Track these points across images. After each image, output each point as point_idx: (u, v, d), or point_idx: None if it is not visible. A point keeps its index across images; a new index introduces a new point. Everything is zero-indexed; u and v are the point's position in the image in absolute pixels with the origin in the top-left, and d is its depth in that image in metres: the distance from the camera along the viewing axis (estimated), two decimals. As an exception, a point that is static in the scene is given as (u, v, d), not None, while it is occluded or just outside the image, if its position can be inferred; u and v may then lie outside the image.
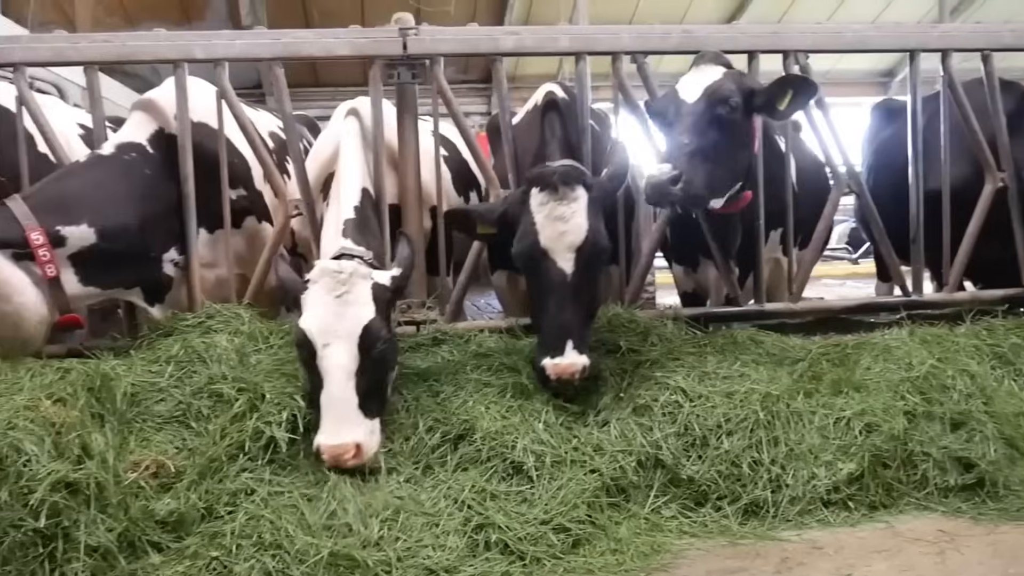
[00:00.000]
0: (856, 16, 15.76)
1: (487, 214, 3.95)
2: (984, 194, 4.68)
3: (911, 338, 4.19)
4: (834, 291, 9.75)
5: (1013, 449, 3.62)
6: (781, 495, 3.32)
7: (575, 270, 3.59)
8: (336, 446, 3.17)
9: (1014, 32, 4.76)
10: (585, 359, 3.52)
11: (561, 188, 3.61)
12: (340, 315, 3.31)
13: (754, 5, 15.57)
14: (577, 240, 3.59)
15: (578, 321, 3.59)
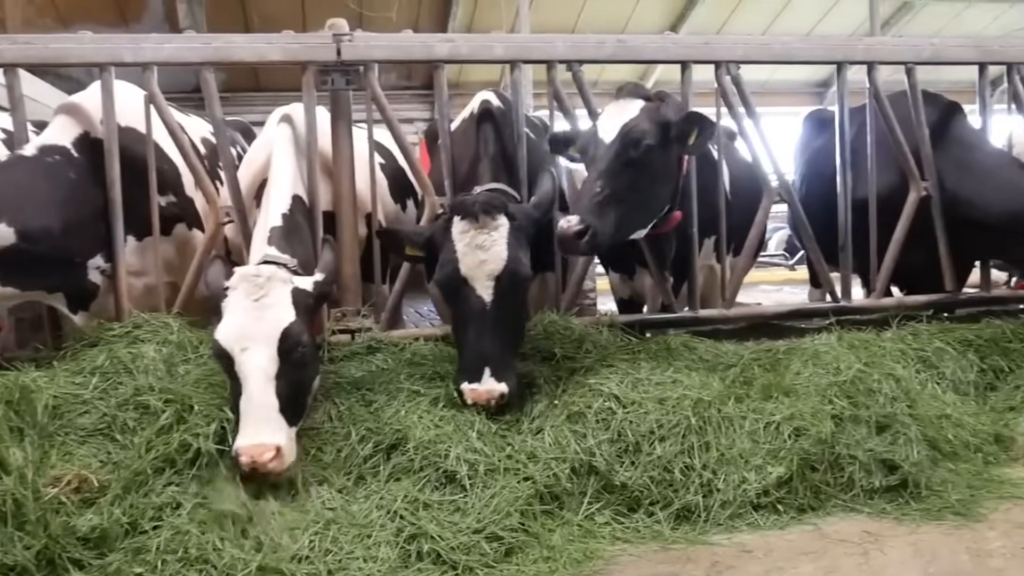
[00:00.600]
0: (793, 28, 16.14)
1: (415, 237, 3.97)
2: (908, 203, 4.81)
3: (839, 343, 4.29)
4: (771, 297, 9.94)
5: (935, 451, 3.73)
6: (712, 499, 3.35)
7: (494, 298, 3.61)
8: (255, 445, 3.07)
9: (934, 46, 4.92)
10: (503, 386, 3.54)
11: (482, 217, 3.64)
12: (258, 319, 3.26)
13: (694, 16, 15.79)
14: (496, 269, 3.61)
15: (497, 348, 3.61)
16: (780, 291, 10.72)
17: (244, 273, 3.35)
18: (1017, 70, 5.07)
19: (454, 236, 3.68)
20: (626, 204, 3.78)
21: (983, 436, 3.97)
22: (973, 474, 3.67)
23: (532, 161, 4.53)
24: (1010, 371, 4.46)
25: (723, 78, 4.60)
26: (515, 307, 3.73)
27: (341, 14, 4.68)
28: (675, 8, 16.08)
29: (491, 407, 3.55)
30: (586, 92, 4.53)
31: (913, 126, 4.87)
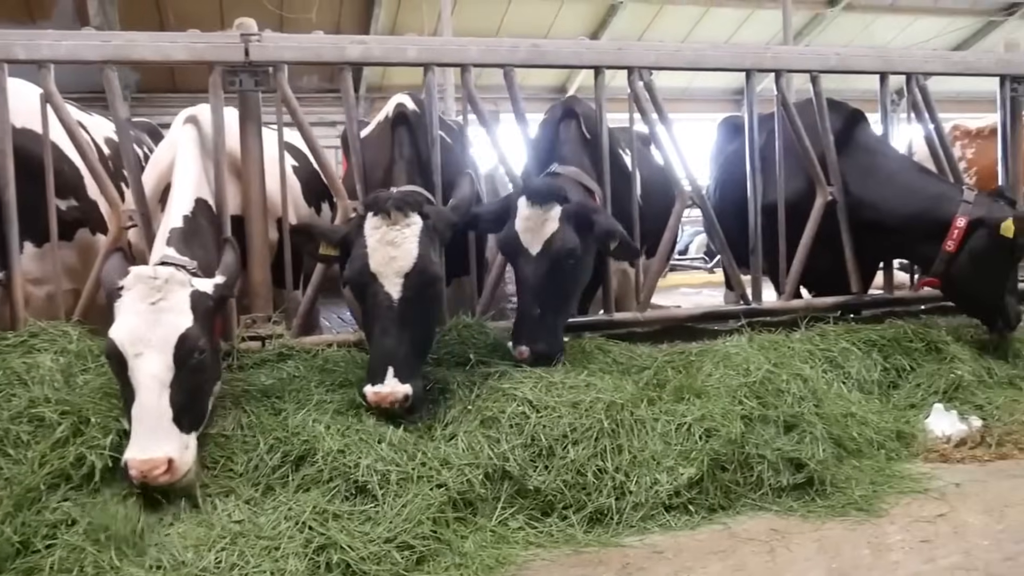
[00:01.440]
0: (711, 36, 16.50)
1: (330, 235, 3.90)
2: (815, 207, 4.94)
3: (750, 344, 4.38)
4: (691, 299, 10.09)
5: (840, 448, 3.84)
6: (625, 502, 3.37)
7: (403, 296, 3.57)
8: (145, 461, 2.96)
9: (839, 55, 5.07)
10: (407, 388, 3.48)
11: (395, 213, 3.59)
12: (154, 323, 3.14)
13: (615, 22, 16.01)
14: (406, 266, 3.57)
15: (403, 348, 3.56)
16: (699, 294, 10.90)
17: (140, 274, 3.21)
18: (916, 80, 5.27)
19: (366, 231, 3.63)
20: (564, 304, 4.09)
21: (886, 433, 4.10)
22: (876, 470, 3.78)
23: (448, 165, 4.51)
24: (911, 370, 4.62)
25: (636, 84, 4.65)
26: (423, 307, 3.68)
27: (260, 15, 4.58)
28: (597, 14, 16.28)
29: (395, 409, 3.49)
30: (516, 95, 4.55)
31: (819, 133, 4.99)
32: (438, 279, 3.76)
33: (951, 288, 4.84)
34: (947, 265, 4.69)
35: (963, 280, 4.73)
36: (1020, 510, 3.39)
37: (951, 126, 7.88)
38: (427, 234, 3.66)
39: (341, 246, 3.81)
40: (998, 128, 5.65)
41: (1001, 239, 4.51)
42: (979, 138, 7.56)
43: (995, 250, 4.59)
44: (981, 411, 4.33)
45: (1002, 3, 17.70)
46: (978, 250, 4.61)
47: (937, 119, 5.34)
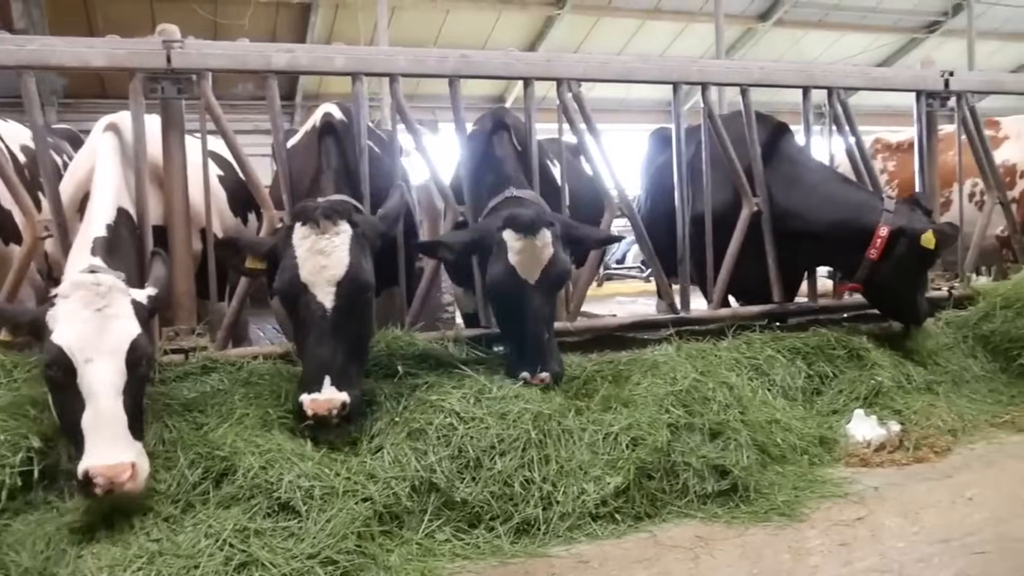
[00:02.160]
0: (647, 49, 16.78)
1: (257, 247, 3.82)
2: (741, 218, 5.03)
3: (678, 353, 4.43)
4: (626, 308, 10.19)
5: (765, 454, 3.89)
6: (552, 512, 3.37)
7: (336, 305, 3.52)
8: (111, 466, 2.88)
9: (763, 69, 5.18)
10: (344, 396, 3.43)
11: (323, 222, 3.54)
12: (103, 329, 3.06)
13: (552, 34, 16.17)
14: (338, 274, 3.53)
15: (339, 357, 3.51)
16: (635, 303, 11.02)
17: (80, 281, 3.11)
18: (837, 94, 5.42)
19: (295, 242, 3.57)
20: (554, 319, 4.17)
21: (809, 439, 4.18)
22: (799, 475, 3.85)
23: (377, 175, 4.47)
24: (834, 376, 4.71)
25: (564, 95, 4.69)
26: (357, 315, 3.63)
27: (193, 20, 4.50)
28: (534, 26, 16.43)
29: (332, 418, 3.42)
30: (458, 104, 4.55)
31: (747, 145, 5.09)
32: (370, 286, 3.72)
33: (873, 292, 4.98)
34: (870, 272, 4.81)
35: (885, 285, 4.87)
36: (934, 512, 3.48)
37: (873, 139, 8.12)
38: (357, 242, 3.62)
39: (268, 258, 3.74)
40: (915, 142, 5.84)
41: (922, 248, 4.66)
42: (900, 151, 7.80)
43: (915, 257, 4.74)
44: (899, 416, 4.44)
45: (923, 22, 18.39)
46: (900, 258, 4.74)
47: (857, 132, 5.49)
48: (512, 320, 4.03)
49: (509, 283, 3.95)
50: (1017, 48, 20.09)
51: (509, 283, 3.95)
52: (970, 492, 3.67)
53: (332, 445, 3.47)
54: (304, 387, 3.48)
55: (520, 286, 3.93)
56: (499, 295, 4.06)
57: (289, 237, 3.60)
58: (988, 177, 6.00)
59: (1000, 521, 3.35)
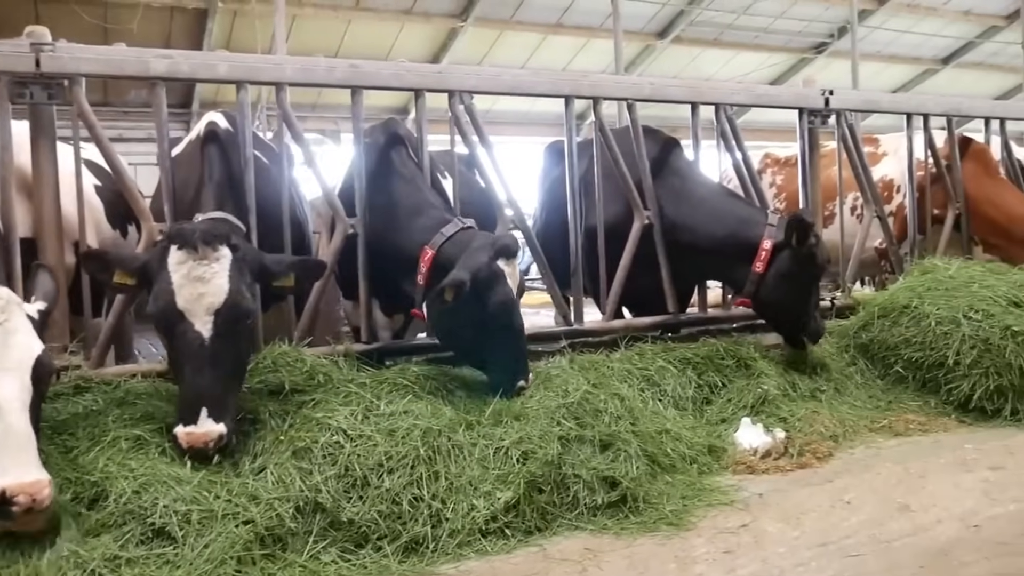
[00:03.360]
0: (550, 63, 16.96)
1: (128, 262, 3.64)
2: (633, 230, 5.10)
3: (570, 365, 4.44)
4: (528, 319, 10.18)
5: (655, 464, 3.93)
6: (441, 529, 3.32)
7: (214, 334, 3.40)
8: (33, 483, 2.75)
9: (653, 85, 5.29)
10: (221, 427, 3.33)
11: (202, 247, 3.42)
12: (5, 344, 2.90)
13: (456, 46, 16.16)
14: (216, 302, 3.41)
15: (216, 387, 3.40)
16: (538, 314, 11.04)
17: None
18: (724, 110, 5.57)
19: (170, 267, 3.42)
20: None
21: (698, 448, 4.25)
22: (687, 484, 3.89)
23: (264, 186, 4.35)
24: (723, 386, 4.83)
25: (456, 107, 4.67)
26: (236, 343, 3.53)
27: (80, 24, 4.29)
28: (438, 37, 16.38)
29: (209, 451, 3.32)
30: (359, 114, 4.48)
31: (635, 159, 5.17)
32: (251, 313, 3.62)
33: (761, 307, 5.11)
34: (756, 286, 4.93)
35: (772, 299, 4.98)
36: (814, 516, 3.58)
37: (763, 154, 8.40)
38: (237, 267, 3.50)
39: (139, 276, 3.57)
40: (798, 157, 6.06)
41: (804, 260, 4.80)
42: (787, 166, 8.08)
43: (799, 270, 4.87)
44: (785, 423, 4.57)
45: (812, 43, 19.19)
46: (783, 271, 4.88)
47: (744, 147, 5.66)
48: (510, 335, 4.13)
49: (509, 308, 4.08)
50: (898, 69, 21.17)
51: (509, 308, 4.08)
52: (848, 496, 3.79)
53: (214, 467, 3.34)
54: (180, 418, 3.36)
55: (513, 307, 4.10)
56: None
57: (164, 259, 3.45)
58: (866, 191, 6.27)
59: (875, 523, 3.47)
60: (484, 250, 4.01)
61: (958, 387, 4.99)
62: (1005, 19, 19.37)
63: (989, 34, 20.19)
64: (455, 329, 4.17)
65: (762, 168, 8.19)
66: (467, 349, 4.24)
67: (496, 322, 4.03)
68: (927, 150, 6.61)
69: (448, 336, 4.29)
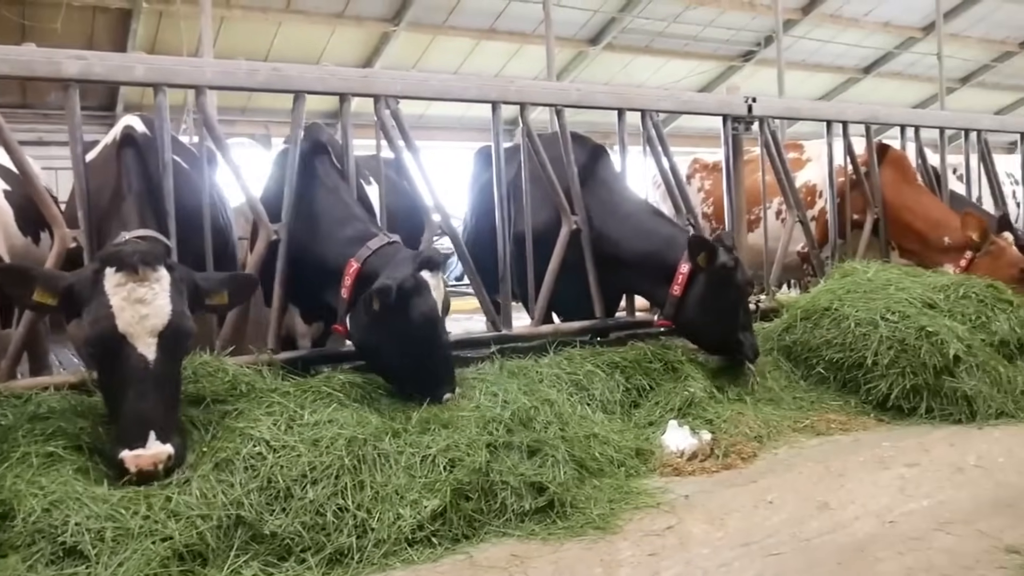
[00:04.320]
0: (483, 68, 16.97)
1: (52, 280, 3.50)
2: (561, 236, 5.13)
3: (499, 371, 4.44)
4: (461, 325, 10.16)
5: (583, 469, 3.94)
6: (366, 539, 3.27)
7: (158, 356, 3.34)
8: None
9: (580, 91, 5.33)
10: (169, 447, 3.27)
11: (142, 269, 3.34)
12: None
13: (390, 49, 16.05)
14: (160, 324, 3.35)
15: (161, 408, 3.34)
16: (471, 319, 11.03)
17: None
18: (650, 116, 5.64)
19: (107, 290, 3.34)
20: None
21: (626, 451, 4.27)
22: (615, 488, 3.90)
23: (184, 193, 4.24)
24: (651, 389, 4.87)
25: (382, 112, 4.63)
26: (178, 363, 3.51)
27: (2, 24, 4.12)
28: (370, 42, 16.25)
29: (159, 472, 3.24)
30: (299, 120, 4.41)
31: (564, 165, 5.20)
32: (192, 333, 3.56)
33: (682, 330, 5.14)
34: (675, 309, 4.95)
35: (690, 322, 5.00)
36: (738, 517, 3.63)
37: (691, 159, 8.55)
38: (176, 287, 3.45)
39: (63, 296, 3.45)
40: (723, 163, 6.18)
41: (719, 283, 4.82)
42: (715, 171, 8.22)
43: (715, 293, 4.88)
44: (711, 425, 4.63)
45: (740, 51, 19.61)
46: (700, 294, 4.89)
47: (670, 153, 5.74)
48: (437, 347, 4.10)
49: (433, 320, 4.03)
50: (822, 78, 21.77)
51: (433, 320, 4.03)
52: (771, 496, 3.86)
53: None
54: (125, 442, 3.26)
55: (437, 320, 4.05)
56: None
57: (99, 282, 3.35)
58: (788, 196, 6.42)
59: (796, 522, 3.54)
60: (408, 262, 3.99)
61: (876, 387, 5.12)
62: (922, 31, 20.09)
63: (907, 45, 20.91)
64: (379, 343, 4.10)
65: (691, 173, 8.33)
66: (391, 363, 4.16)
67: (421, 333, 4.00)
68: (846, 156, 6.80)
69: (372, 351, 4.21)
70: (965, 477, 4.02)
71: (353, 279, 4.09)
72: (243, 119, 17.44)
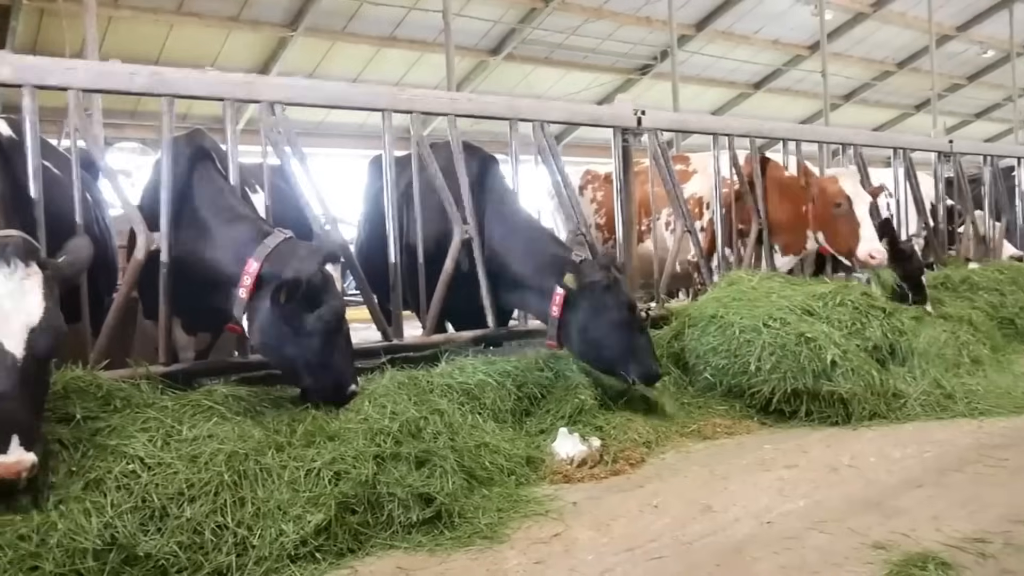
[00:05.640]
0: (383, 77, 16.87)
1: None
2: (452, 244, 5.12)
3: (390, 382, 4.39)
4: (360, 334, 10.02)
5: (472, 479, 3.92)
6: (247, 557, 3.18)
7: (27, 355, 3.15)
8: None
9: (471, 100, 5.35)
10: (32, 456, 3.07)
11: (14, 262, 3.18)
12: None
13: (287, 55, 15.78)
14: (32, 321, 3.17)
15: (27, 412, 3.14)
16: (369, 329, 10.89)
17: None
18: (542, 127, 5.70)
19: None
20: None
21: (516, 460, 4.28)
22: (504, 497, 3.90)
23: (56, 198, 4.05)
24: (542, 397, 4.89)
25: (268, 118, 4.53)
26: (47, 365, 3.32)
27: None
28: (267, 47, 15.97)
29: (20, 481, 3.05)
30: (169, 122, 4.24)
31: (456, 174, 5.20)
32: (65, 332, 3.37)
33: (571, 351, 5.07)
34: (557, 330, 4.96)
35: (573, 344, 4.95)
36: (624, 522, 3.68)
37: (584, 170, 8.68)
38: (49, 285, 3.27)
39: None
40: (614, 173, 6.30)
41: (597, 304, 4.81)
42: (608, 182, 8.37)
43: (589, 314, 4.83)
44: (601, 432, 4.68)
45: (637, 64, 20.12)
46: (577, 316, 4.86)
47: (561, 164, 5.81)
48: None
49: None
50: (716, 92, 22.55)
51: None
52: (657, 500, 3.93)
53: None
54: None
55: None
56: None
57: None
58: (677, 207, 6.59)
59: (679, 525, 3.61)
60: (313, 256, 3.94)
61: (759, 391, 5.29)
62: (808, 49, 21.03)
63: (795, 62, 21.87)
64: (286, 339, 4.03)
65: (583, 184, 8.46)
66: (297, 360, 4.08)
67: (328, 327, 3.97)
68: (731, 168, 7.02)
69: (277, 348, 4.11)
70: (839, 477, 4.19)
71: (254, 278, 4.00)
72: (133, 123, 16.83)
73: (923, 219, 9.00)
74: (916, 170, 9.05)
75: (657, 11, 17.18)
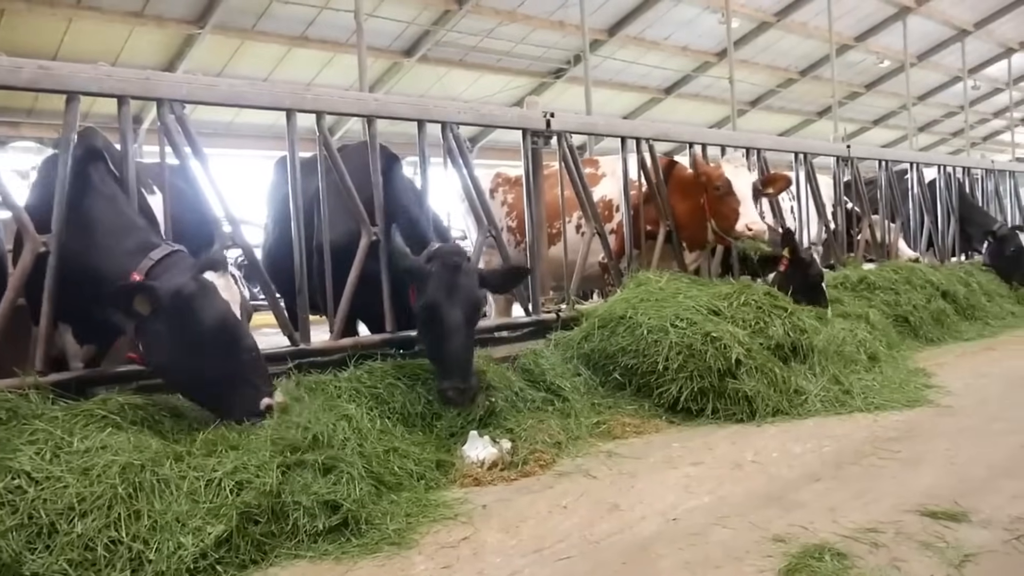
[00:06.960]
0: (294, 77, 16.57)
1: None
2: (360, 247, 5.05)
3: (297, 388, 4.30)
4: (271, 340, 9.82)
5: (380, 484, 3.87)
6: (143, 572, 3.06)
7: None
8: None
9: (379, 101, 5.29)
10: None
11: None
12: None
13: (194, 53, 15.33)
14: None
15: None
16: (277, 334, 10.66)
17: None
18: (451, 128, 5.68)
19: None
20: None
21: (426, 464, 4.25)
22: (413, 502, 3.86)
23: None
24: (454, 400, 4.86)
25: (167, 116, 4.37)
26: None
27: None
28: (172, 44, 15.50)
29: None
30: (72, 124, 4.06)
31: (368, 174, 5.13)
32: None
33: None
34: None
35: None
36: (532, 523, 3.69)
37: (495, 172, 8.68)
38: None
39: None
40: (523, 176, 6.32)
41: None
42: (518, 185, 8.40)
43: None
44: (512, 434, 4.69)
45: (551, 68, 20.31)
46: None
47: (470, 165, 5.80)
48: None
49: None
50: (628, 97, 22.94)
51: None
52: (565, 500, 3.96)
53: None
54: None
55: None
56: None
57: None
58: (586, 210, 6.65)
59: (586, 525, 3.64)
60: (189, 268, 3.79)
61: (667, 390, 5.40)
62: (716, 56, 21.57)
63: (703, 69, 22.41)
64: (177, 358, 3.83)
65: (494, 187, 8.46)
66: (196, 379, 3.90)
67: (219, 337, 3.79)
68: (639, 171, 7.13)
69: (171, 370, 3.92)
70: (743, 473, 4.30)
71: None
72: (29, 121, 16.11)
73: (823, 220, 9.33)
74: (817, 173, 9.39)
75: (570, 15, 17.35)
